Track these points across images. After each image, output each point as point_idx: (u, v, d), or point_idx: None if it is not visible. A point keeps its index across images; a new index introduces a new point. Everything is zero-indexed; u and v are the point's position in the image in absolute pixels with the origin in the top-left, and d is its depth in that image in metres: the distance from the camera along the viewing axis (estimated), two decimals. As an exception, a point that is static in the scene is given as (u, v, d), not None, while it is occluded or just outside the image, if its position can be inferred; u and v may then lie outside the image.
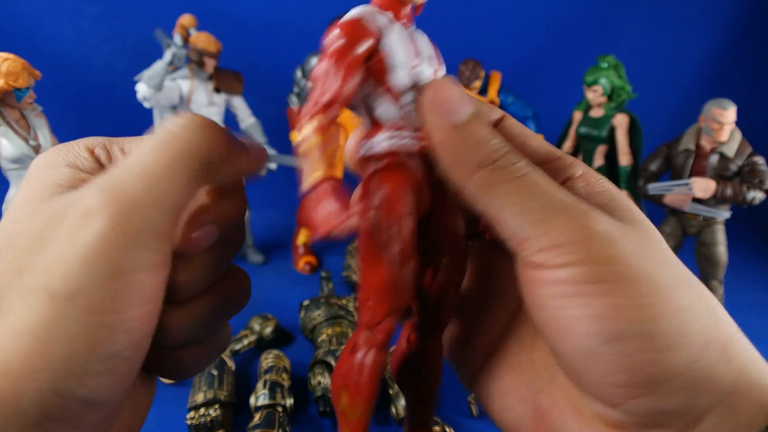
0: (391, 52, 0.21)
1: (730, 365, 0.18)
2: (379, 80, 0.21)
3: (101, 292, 0.16)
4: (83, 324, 0.16)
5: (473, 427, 0.73)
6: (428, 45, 0.23)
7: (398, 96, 0.21)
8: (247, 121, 1.29)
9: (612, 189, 0.21)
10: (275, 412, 0.68)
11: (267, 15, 1.81)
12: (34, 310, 0.16)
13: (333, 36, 0.21)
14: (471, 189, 0.20)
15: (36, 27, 1.80)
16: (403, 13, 0.22)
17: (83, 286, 0.16)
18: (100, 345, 0.17)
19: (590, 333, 0.18)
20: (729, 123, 0.93)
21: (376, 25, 0.21)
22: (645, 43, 1.82)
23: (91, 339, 0.17)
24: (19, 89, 0.77)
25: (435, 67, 0.22)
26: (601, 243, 0.18)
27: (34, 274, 0.17)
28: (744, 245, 1.38)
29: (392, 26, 0.21)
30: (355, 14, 0.21)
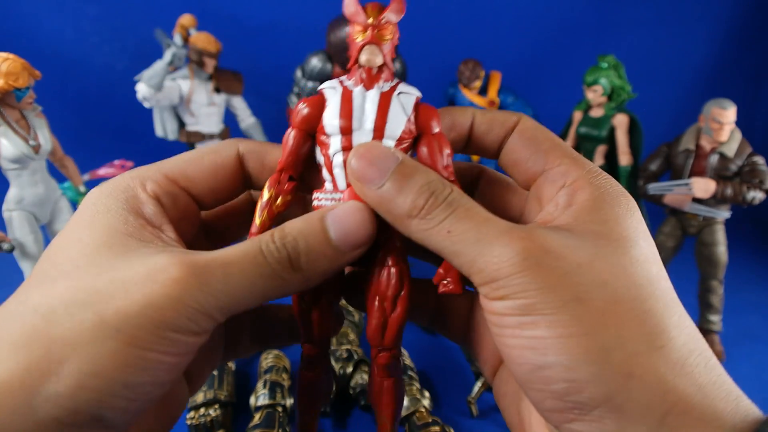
0: (324, 120, 0.24)
1: (664, 398, 0.18)
2: (320, 144, 0.25)
3: (152, 336, 0.18)
4: (122, 352, 0.17)
5: (473, 427, 0.73)
6: (373, 108, 0.24)
7: (331, 159, 0.25)
8: (247, 121, 1.29)
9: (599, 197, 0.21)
10: (275, 412, 0.68)
11: (267, 15, 1.81)
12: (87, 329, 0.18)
13: (297, 107, 0.25)
14: (413, 237, 0.22)
15: (36, 27, 1.80)
16: (362, 76, 0.25)
17: (135, 326, 0.18)
18: (129, 370, 0.18)
19: (520, 362, 0.19)
20: (729, 123, 0.93)
21: (326, 95, 0.25)
22: (645, 43, 1.82)
23: (123, 363, 0.18)
24: (19, 89, 0.76)
25: (369, 137, 0.24)
26: (532, 272, 0.19)
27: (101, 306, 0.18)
28: (744, 245, 1.38)
29: (336, 93, 0.25)
30: (323, 85, 0.26)
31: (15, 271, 0.87)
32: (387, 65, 0.25)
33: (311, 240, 0.21)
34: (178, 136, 1.22)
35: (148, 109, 1.18)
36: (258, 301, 0.21)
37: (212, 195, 0.25)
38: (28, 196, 0.84)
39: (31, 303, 0.18)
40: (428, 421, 0.64)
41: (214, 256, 0.20)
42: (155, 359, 0.18)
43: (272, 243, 0.21)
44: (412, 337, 0.93)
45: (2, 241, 0.82)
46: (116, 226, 0.21)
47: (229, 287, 0.19)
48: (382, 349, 0.25)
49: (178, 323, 0.18)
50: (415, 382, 0.70)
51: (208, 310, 0.19)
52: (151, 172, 0.24)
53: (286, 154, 0.25)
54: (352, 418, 0.75)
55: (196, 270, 0.19)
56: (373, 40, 0.24)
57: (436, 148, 0.24)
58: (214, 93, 1.21)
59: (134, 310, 0.18)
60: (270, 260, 0.20)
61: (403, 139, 0.24)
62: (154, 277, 0.18)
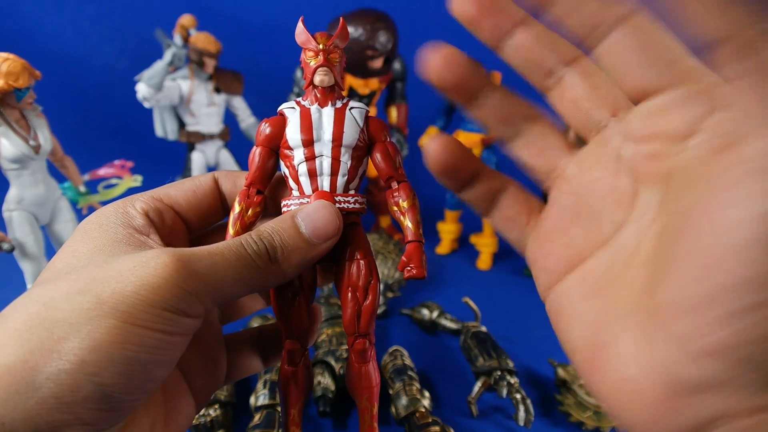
0: (287, 135, 0.28)
1: None
2: (284, 158, 0.28)
3: (146, 314, 0.19)
4: (119, 327, 0.18)
5: (473, 427, 0.73)
6: (330, 122, 0.28)
7: (296, 169, 0.28)
8: (247, 121, 1.29)
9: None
10: (275, 412, 0.68)
11: (267, 15, 1.81)
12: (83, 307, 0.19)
13: (260, 127, 0.29)
14: None
15: (36, 27, 1.80)
16: (317, 96, 0.28)
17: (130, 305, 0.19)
18: (126, 346, 0.18)
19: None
20: (729, 123, 0.93)
21: (286, 114, 0.29)
22: (645, 43, 1.82)
23: (121, 339, 0.18)
24: (19, 89, 0.77)
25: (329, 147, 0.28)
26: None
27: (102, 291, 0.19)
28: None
29: (294, 112, 0.28)
30: (281, 106, 0.29)
31: (15, 271, 0.87)
32: (338, 85, 0.29)
33: (285, 235, 0.24)
34: (178, 136, 1.23)
35: (148, 109, 1.18)
36: (243, 291, 0.23)
37: (194, 213, 0.28)
38: (28, 196, 0.84)
39: (33, 296, 0.20)
40: (428, 421, 0.64)
41: (200, 248, 0.22)
42: (152, 336, 0.19)
43: (251, 238, 0.23)
44: (412, 337, 0.93)
45: (2, 241, 0.82)
46: (108, 236, 0.23)
47: (215, 274, 0.21)
48: (358, 336, 0.28)
49: (171, 303, 0.19)
50: (415, 382, 0.70)
51: (197, 293, 0.20)
52: (139, 195, 0.27)
53: (253, 170, 0.28)
54: (352, 419, 0.75)
55: (184, 257, 0.20)
56: (324, 63, 0.28)
57: (388, 152, 0.29)
58: (214, 93, 1.21)
59: (129, 290, 0.19)
60: (250, 252, 0.22)
61: (358, 147, 0.28)
62: (146, 264, 0.20)
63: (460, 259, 1.32)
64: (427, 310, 0.95)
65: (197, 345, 0.27)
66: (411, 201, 0.28)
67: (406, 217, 0.28)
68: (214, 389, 0.29)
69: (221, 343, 0.30)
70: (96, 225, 0.24)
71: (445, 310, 0.96)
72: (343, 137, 0.28)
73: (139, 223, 0.25)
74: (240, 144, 1.29)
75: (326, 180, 0.28)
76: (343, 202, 0.28)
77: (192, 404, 0.27)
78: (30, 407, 0.17)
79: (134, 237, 0.24)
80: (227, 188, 0.29)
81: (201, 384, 0.28)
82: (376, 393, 0.29)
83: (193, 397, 0.27)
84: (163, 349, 0.20)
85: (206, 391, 0.28)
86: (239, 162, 1.28)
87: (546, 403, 0.77)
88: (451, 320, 0.93)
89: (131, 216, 0.25)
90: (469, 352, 0.80)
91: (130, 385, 0.19)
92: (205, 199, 0.28)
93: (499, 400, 0.77)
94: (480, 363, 0.76)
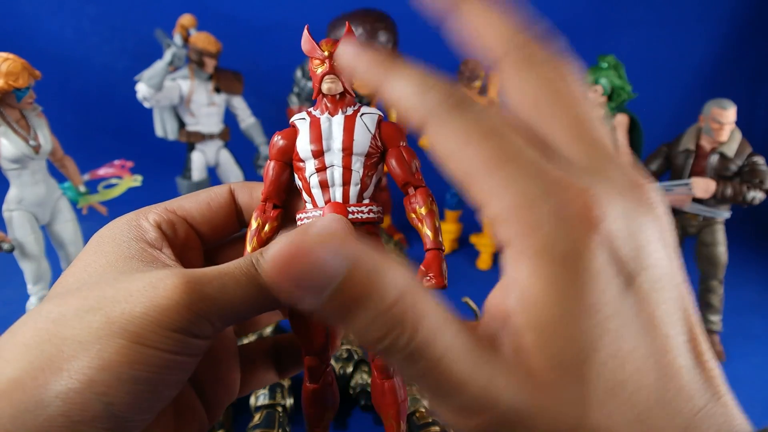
0: (298, 147, 0.27)
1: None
2: (297, 170, 0.28)
3: (155, 335, 0.19)
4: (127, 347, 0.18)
5: (473, 427, 0.73)
6: (340, 130, 0.27)
7: (308, 181, 0.27)
8: (247, 121, 1.29)
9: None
10: (275, 412, 0.68)
11: (267, 15, 1.81)
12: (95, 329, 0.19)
13: (273, 140, 0.28)
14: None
15: (36, 27, 1.80)
16: (327, 104, 0.28)
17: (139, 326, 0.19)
18: (135, 366, 0.18)
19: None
20: (729, 123, 0.93)
21: (297, 126, 0.28)
22: (645, 43, 1.82)
23: (130, 359, 0.18)
24: (19, 89, 0.77)
25: (339, 156, 0.27)
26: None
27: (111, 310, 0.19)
28: (744, 245, 1.38)
29: (305, 122, 0.27)
30: (293, 118, 0.28)
31: (15, 271, 0.87)
32: (347, 92, 0.28)
33: None
34: (178, 136, 1.22)
35: (148, 109, 1.18)
36: (254, 311, 0.22)
37: (208, 225, 0.27)
38: (29, 196, 0.84)
39: (43, 311, 0.20)
40: (428, 421, 0.64)
41: (210, 269, 0.22)
42: (160, 356, 0.19)
43: (262, 258, 0.22)
44: (412, 337, 0.93)
45: (2, 241, 0.82)
46: (120, 251, 0.23)
47: (225, 295, 0.21)
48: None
49: (180, 325, 0.19)
50: (415, 382, 0.70)
51: (207, 315, 0.20)
52: (153, 206, 0.26)
53: (268, 184, 0.28)
54: (352, 418, 0.75)
55: (193, 279, 0.20)
56: (331, 70, 0.27)
57: (403, 157, 0.27)
58: (214, 93, 1.21)
59: (139, 310, 0.19)
60: (261, 273, 0.22)
61: (370, 154, 0.27)
62: (155, 285, 0.20)
63: (460, 259, 1.32)
64: (427, 310, 0.95)
65: (210, 360, 0.27)
66: (428, 207, 0.27)
67: (423, 224, 0.26)
68: (228, 403, 0.29)
69: (235, 357, 0.30)
70: (109, 239, 0.24)
71: (445, 310, 0.96)
72: (353, 145, 0.27)
73: (151, 236, 0.24)
74: (240, 144, 1.29)
75: (338, 191, 0.27)
76: (356, 212, 0.27)
77: (204, 419, 0.27)
78: (38, 424, 0.17)
79: (146, 252, 0.23)
80: (244, 200, 0.28)
81: (214, 398, 0.27)
82: (402, 410, 0.28)
83: (206, 410, 0.27)
84: (172, 369, 0.20)
85: (219, 405, 0.28)
86: (239, 162, 1.28)
87: (546, 403, 0.77)
88: (451, 320, 0.93)
89: (144, 229, 0.25)
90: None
91: (138, 405, 0.19)
92: (219, 211, 0.28)
93: (499, 400, 0.77)
94: (480, 363, 0.76)
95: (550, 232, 0.15)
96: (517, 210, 0.16)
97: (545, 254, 0.15)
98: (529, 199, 0.16)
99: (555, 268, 0.15)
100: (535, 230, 0.16)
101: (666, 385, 0.15)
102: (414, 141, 1.47)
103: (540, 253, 0.15)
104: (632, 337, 0.15)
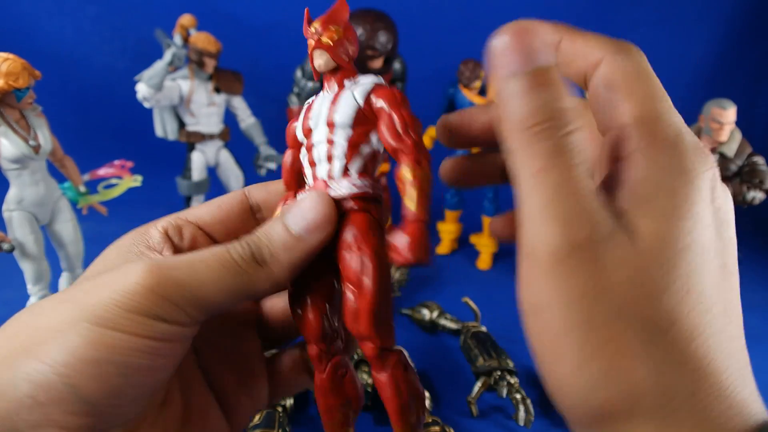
0: (295, 132, 0.27)
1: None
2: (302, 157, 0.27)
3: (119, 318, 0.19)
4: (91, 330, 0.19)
5: (473, 427, 0.73)
6: (327, 105, 0.26)
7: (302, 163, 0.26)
8: (247, 121, 1.29)
9: (669, 196, 0.19)
10: (275, 412, 0.68)
11: (267, 15, 1.81)
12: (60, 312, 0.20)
13: (288, 129, 0.27)
14: (508, 148, 0.19)
15: (36, 27, 1.80)
16: (325, 83, 0.26)
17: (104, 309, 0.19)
18: (98, 347, 0.19)
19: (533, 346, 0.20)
20: (729, 123, 0.93)
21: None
22: (645, 43, 1.80)
23: (93, 341, 0.19)
24: (19, 89, 0.76)
25: (325, 130, 0.25)
26: (559, 275, 0.18)
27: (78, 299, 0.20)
28: (744, 245, 1.37)
29: (306, 105, 0.27)
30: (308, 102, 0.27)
31: (15, 271, 0.87)
32: (342, 66, 0.26)
33: (270, 232, 0.23)
34: (178, 136, 1.22)
35: (148, 109, 1.18)
36: (230, 298, 0.22)
37: (221, 225, 0.27)
38: (29, 196, 0.84)
39: (29, 307, 0.21)
40: (428, 421, 0.64)
41: (183, 255, 0.22)
42: (126, 339, 0.19)
43: (237, 243, 0.22)
44: (412, 337, 0.94)
45: (2, 241, 0.82)
46: (120, 256, 0.24)
47: (194, 280, 0.21)
48: (361, 339, 0.24)
49: (144, 308, 0.20)
50: (415, 382, 0.70)
51: (174, 299, 0.20)
52: (167, 216, 0.27)
53: (285, 173, 0.27)
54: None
55: (161, 264, 0.21)
56: (317, 45, 0.25)
57: (391, 120, 0.24)
58: (214, 93, 1.21)
59: (105, 295, 0.20)
60: (235, 256, 0.22)
61: (357, 125, 0.25)
62: (126, 272, 0.20)
63: (460, 259, 1.32)
64: (427, 310, 0.95)
65: (231, 365, 0.27)
66: (413, 171, 0.23)
67: (405, 192, 0.23)
68: (255, 410, 0.28)
69: (260, 363, 0.29)
70: (114, 247, 0.25)
71: (445, 310, 0.96)
72: (335, 117, 0.25)
73: (154, 241, 0.25)
74: (240, 144, 1.29)
75: (324, 167, 0.25)
76: (337, 188, 0.24)
77: (222, 425, 0.26)
78: (10, 406, 0.18)
79: (144, 254, 0.24)
80: (260, 196, 0.28)
81: (237, 405, 0.27)
82: (402, 405, 0.24)
83: (229, 417, 0.27)
84: (142, 353, 0.20)
85: (244, 412, 0.27)
86: (239, 162, 1.28)
87: (546, 403, 0.77)
88: (451, 320, 0.93)
89: (150, 235, 0.25)
90: (469, 352, 0.80)
91: (108, 391, 0.19)
92: (231, 211, 0.27)
93: (499, 400, 0.77)
94: (480, 363, 0.76)
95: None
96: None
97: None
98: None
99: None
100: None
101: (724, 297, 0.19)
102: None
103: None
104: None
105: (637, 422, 0.17)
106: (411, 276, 1.14)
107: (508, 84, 0.19)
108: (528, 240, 0.19)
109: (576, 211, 0.18)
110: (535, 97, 0.18)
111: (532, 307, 0.19)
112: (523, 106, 0.18)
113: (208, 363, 0.27)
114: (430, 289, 1.14)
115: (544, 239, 0.18)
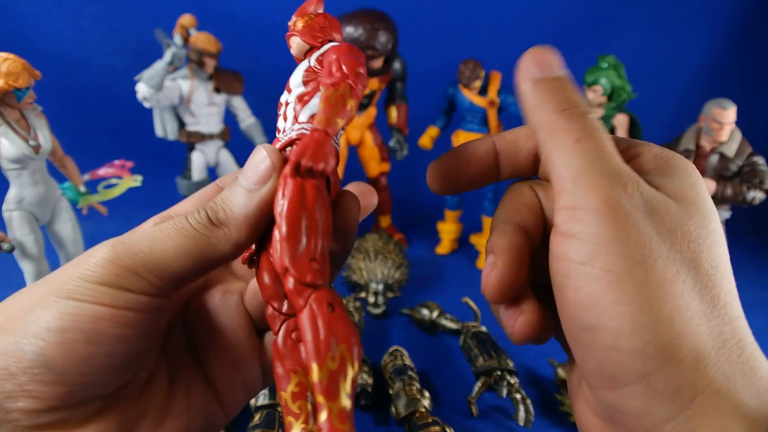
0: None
1: (695, 383, 0.18)
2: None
3: (82, 288, 0.20)
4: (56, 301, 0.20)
5: (473, 427, 0.73)
6: (299, 72, 0.27)
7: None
8: (247, 121, 1.29)
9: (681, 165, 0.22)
10: (275, 412, 0.68)
11: (267, 15, 1.81)
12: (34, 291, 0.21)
13: None
14: (543, 131, 0.23)
15: (36, 27, 1.80)
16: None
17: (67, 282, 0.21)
18: (63, 316, 0.20)
19: (574, 317, 0.20)
20: (729, 123, 0.93)
21: None
22: (645, 43, 1.82)
23: (57, 310, 0.20)
24: (19, 89, 0.77)
25: (285, 94, 0.27)
26: (615, 218, 0.19)
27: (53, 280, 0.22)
28: (744, 245, 1.38)
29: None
30: None
31: (15, 271, 0.87)
32: (314, 47, 0.27)
33: (226, 193, 0.24)
34: (178, 136, 1.23)
35: (148, 109, 1.18)
36: (192, 264, 0.22)
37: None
38: (28, 196, 0.84)
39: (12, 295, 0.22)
40: (428, 421, 0.64)
41: (145, 228, 0.23)
42: (88, 308, 0.20)
43: (196, 210, 0.23)
44: (412, 337, 0.93)
45: (2, 241, 0.82)
46: None
47: (155, 250, 0.22)
48: (282, 273, 0.22)
49: (105, 277, 0.21)
50: (415, 382, 0.70)
51: (135, 268, 0.21)
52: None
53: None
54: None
55: (125, 239, 0.22)
56: (288, 34, 0.27)
57: (329, 64, 0.25)
58: (214, 93, 1.21)
59: (71, 272, 0.21)
60: (192, 222, 0.23)
61: (306, 83, 0.26)
62: (92, 251, 0.22)
63: (460, 259, 1.32)
64: (427, 310, 0.95)
65: (222, 355, 0.27)
66: (325, 91, 0.24)
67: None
68: (248, 398, 0.28)
69: (252, 342, 0.28)
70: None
71: (445, 310, 0.96)
72: (291, 80, 0.27)
73: None
74: (240, 144, 1.29)
75: (281, 124, 0.27)
76: (284, 137, 0.25)
77: (218, 414, 0.26)
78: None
79: None
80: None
81: (229, 386, 0.27)
82: (316, 348, 0.20)
83: (220, 401, 0.27)
84: (106, 321, 0.20)
85: (235, 394, 0.27)
86: (239, 162, 1.28)
87: (546, 403, 0.77)
88: (451, 320, 0.93)
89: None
90: (469, 352, 0.80)
91: (77, 359, 0.20)
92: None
93: (499, 400, 0.77)
94: (480, 363, 0.76)
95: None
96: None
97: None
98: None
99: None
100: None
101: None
102: (413, 141, 1.46)
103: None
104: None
105: (703, 363, 0.18)
106: (411, 276, 1.14)
107: (541, 84, 0.24)
108: (575, 195, 0.20)
109: (619, 167, 0.21)
110: (562, 92, 0.23)
111: (580, 256, 0.20)
112: (555, 96, 0.23)
113: (197, 343, 0.27)
114: (430, 289, 1.14)
115: (594, 191, 0.20)
